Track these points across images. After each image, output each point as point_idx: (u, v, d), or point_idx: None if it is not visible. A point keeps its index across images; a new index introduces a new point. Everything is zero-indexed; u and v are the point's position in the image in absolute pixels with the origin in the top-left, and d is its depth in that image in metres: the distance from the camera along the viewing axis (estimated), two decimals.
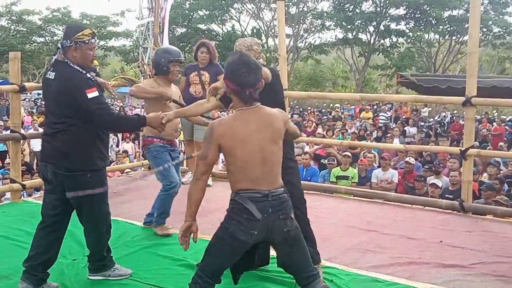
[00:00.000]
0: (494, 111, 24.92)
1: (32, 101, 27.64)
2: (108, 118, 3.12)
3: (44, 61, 37.10)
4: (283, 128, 2.79)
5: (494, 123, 18.12)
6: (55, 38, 38.94)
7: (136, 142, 13.53)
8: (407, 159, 9.18)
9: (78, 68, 3.08)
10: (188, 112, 3.97)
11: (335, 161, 9.36)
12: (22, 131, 6.39)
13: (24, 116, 17.00)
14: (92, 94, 3.01)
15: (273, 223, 2.67)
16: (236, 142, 2.66)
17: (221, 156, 2.88)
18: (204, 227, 4.56)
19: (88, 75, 3.13)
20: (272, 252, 3.57)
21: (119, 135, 14.85)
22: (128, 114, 22.45)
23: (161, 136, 4.28)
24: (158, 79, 4.51)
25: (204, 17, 36.39)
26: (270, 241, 2.81)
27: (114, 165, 10.51)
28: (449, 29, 31.29)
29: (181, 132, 6.55)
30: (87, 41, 3.09)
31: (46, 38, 39.43)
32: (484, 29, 28.96)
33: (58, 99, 3.08)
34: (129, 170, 8.33)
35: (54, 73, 3.11)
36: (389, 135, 14.08)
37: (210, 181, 6.29)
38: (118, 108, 25.18)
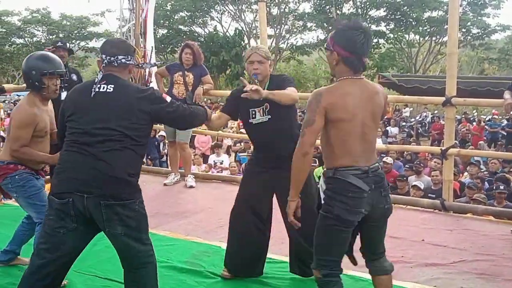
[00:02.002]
0: (474, 111, 25.26)
1: (11, 103, 27.25)
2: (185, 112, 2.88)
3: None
4: (383, 106, 2.67)
5: (474, 123, 18.36)
6: (34, 39, 38.55)
7: None
8: (384, 159, 9.26)
9: None
10: None
11: (317, 162, 9.38)
12: (2, 133, 6.30)
13: (4, 119, 16.74)
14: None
15: (376, 200, 2.54)
16: (343, 113, 2.47)
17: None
18: (187, 228, 4.58)
19: None
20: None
21: None
22: None
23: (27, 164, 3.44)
24: (33, 97, 3.45)
25: (186, 18, 36.29)
26: (366, 218, 2.58)
27: None
28: (429, 30, 31.65)
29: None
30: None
31: (26, 39, 38.94)
32: (463, 30, 29.37)
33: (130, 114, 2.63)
34: None
35: (111, 86, 2.68)
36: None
37: (193, 182, 6.28)
38: None
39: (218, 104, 24.01)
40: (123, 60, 2.76)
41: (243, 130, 13.69)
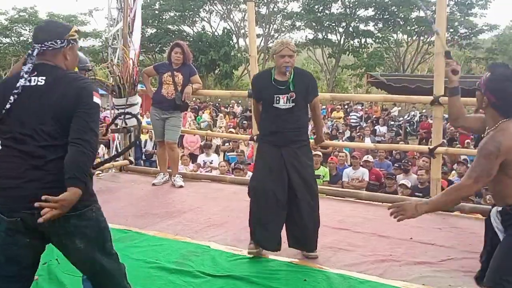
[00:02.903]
0: None
1: None
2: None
3: (10, 62, 36.30)
4: None
5: None
6: (21, 38, 38.22)
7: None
8: (365, 157, 9.31)
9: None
10: None
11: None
12: None
13: None
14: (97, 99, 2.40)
15: None
16: None
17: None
18: (176, 228, 4.56)
19: None
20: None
21: None
22: None
23: None
24: None
25: (175, 17, 36.20)
26: None
27: None
28: (416, 29, 31.82)
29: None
30: (77, 40, 2.60)
31: (13, 38, 38.61)
32: (451, 30, 29.57)
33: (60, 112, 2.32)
34: (99, 172, 8.21)
35: (43, 78, 2.37)
36: (358, 134, 14.22)
37: (181, 182, 6.26)
38: None
39: (207, 104, 23.99)
40: (51, 46, 2.42)
41: (232, 130, 13.67)
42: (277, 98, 3.86)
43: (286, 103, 3.86)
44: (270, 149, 3.90)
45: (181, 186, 6.19)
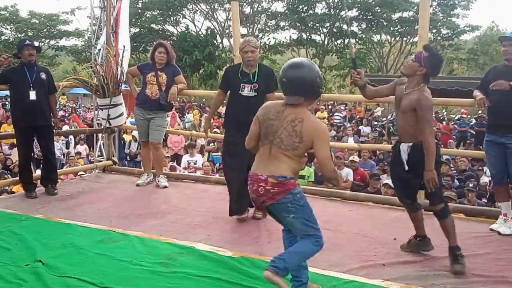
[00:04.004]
0: (444, 110, 25.70)
1: None
2: None
3: None
4: None
5: (444, 122, 18.68)
6: (2, 37, 37.71)
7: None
8: (351, 157, 9.36)
9: None
10: None
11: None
12: None
13: None
14: None
15: None
16: None
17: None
18: (161, 229, 4.54)
19: None
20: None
21: (71, 137, 14.50)
22: (81, 115, 21.93)
23: None
24: None
25: (157, 16, 36.01)
26: None
27: (66, 167, 10.27)
28: (399, 30, 32.08)
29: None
30: None
31: None
32: (434, 31, 29.86)
33: None
34: (83, 172, 8.15)
35: None
36: (341, 134, 14.29)
37: (166, 183, 6.24)
38: (70, 110, 24.63)
39: (191, 104, 23.91)
40: None
41: (217, 130, 13.67)
42: (243, 87, 4.74)
43: (250, 91, 4.75)
44: (235, 135, 4.60)
45: (165, 187, 6.17)
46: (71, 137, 14.45)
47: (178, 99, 20.31)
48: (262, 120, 3.09)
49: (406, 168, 3.77)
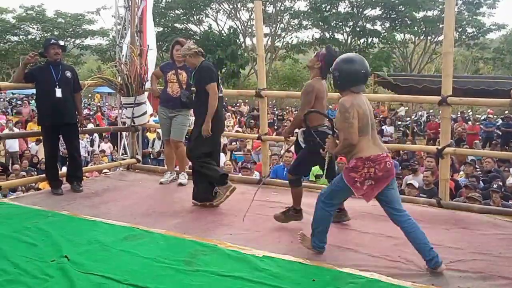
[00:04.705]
0: (469, 110, 25.34)
1: (6, 101, 27.14)
2: None
3: (18, 60, 36.44)
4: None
5: (469, 122, 18.41)
6: (29, 36, 38.37)
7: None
8: None
9: None
10: None
11: None
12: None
13: None
14: None
15: None
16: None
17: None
18: (184, 227, 4.55)
19: None
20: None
21: (96, 135, 14.69)
22: (106, 114, 22.18)
23: None
24: None
25: (181, 16, 36.21)
26: None
27: (91, 165, 10.39)
28: (424, 29, 31.69)
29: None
30: None
31: (20, 36, 38.78)
32: (459, 30, 29.43)
33: None
34: (107, 170, 8.25)
35: None
36: None
37: (184, 180, 6.26)
38: (95, 108, 24.94)
39: None
40: None
41: (239, 129, 13.66)
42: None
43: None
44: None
45: (181, 184, 6.19)
46: (95, 135, 14.64)
47: None
48: (363, 113, 3.62)
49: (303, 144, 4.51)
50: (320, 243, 3.88)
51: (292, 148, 5.05)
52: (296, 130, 4.71)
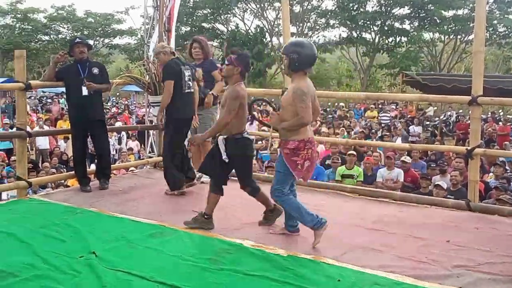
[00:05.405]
0: (500, 110, 24.82)
1: (37, 99, 27.68)
2: None
3: (49, 59, 37.09)
4: None
5: (500, 123, 18.04)
6: (59, 36, 39.06)
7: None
8: (403, 158, 9.15)
9: None
10: None
11: (339, 159, 9.34)
12: (28, 129, 6.42)
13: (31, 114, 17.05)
14: None
15: None
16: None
17: None
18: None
19: None
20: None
21: (123, 133, 14.87)
22: (134, 112, 22.42)
23: None
24: None
25: (208, 15, 36.39)
26: None
27: (119, 163, 10.53)
28: (453, 28, 31.20)
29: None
30: None
31: (51, 36, 39.53)
32: (490, 29, 28.89)
33: None
34: (134, 168, 8.34)
35: None
36: (387, 134, 14.01)
37: (206, 178, 6.27)
38: (123, 106, 25.25)
39: None
40: None
41: (265, 128, 13.69)
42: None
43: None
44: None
45: (202, 182, 6.21)
46: (123, 133, 14.83)
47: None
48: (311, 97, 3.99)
49: (224, 157, 4.41)
50: (315, 219, 4.04)
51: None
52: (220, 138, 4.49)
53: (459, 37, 31.84)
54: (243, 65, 4.37)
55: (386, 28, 33.09)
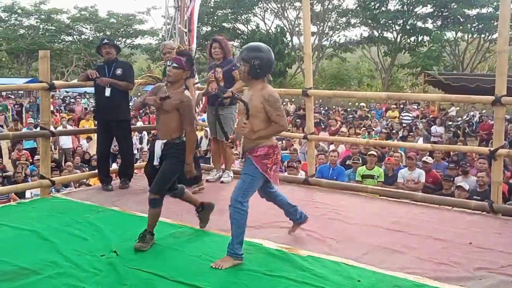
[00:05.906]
0: None
1: (60, 99, 28.08)
2: None
3: (72, 60, 37.63)
4: None
5: None
6: (82, 36, 39.55)
7: None
8: (424, 158, 9.05)
9: None
10: None
11: (360, 160, 9.29)
12: (52, 128, 6.51)
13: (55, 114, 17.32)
14: None
15: None
16: None
17: None
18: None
19: None
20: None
21: (144, 133, 14.99)
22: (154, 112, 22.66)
23: None
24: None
25: (229, 15, 36.48)
26: None
27: (140, 162, 10.61)
28: (477, 27, 30.78)
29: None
30: None
31: (74, 36, 40.06)
32: None
33: None
34: None
35: None
36: (412, 134, 13.88)
37: (227, 178, 6.29)
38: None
39: None
40: None
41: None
42: None
43: None
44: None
45: (222, 182, 6.22)
46: (144, 133, 14.95)
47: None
48: None
49: (156, 162, 4.18)
50: (241, 251, 3.71)
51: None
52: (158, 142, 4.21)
53: (482, 36, 31.41)
54: (190, 67, 4.26)
55: (408, 27, 32.81)
